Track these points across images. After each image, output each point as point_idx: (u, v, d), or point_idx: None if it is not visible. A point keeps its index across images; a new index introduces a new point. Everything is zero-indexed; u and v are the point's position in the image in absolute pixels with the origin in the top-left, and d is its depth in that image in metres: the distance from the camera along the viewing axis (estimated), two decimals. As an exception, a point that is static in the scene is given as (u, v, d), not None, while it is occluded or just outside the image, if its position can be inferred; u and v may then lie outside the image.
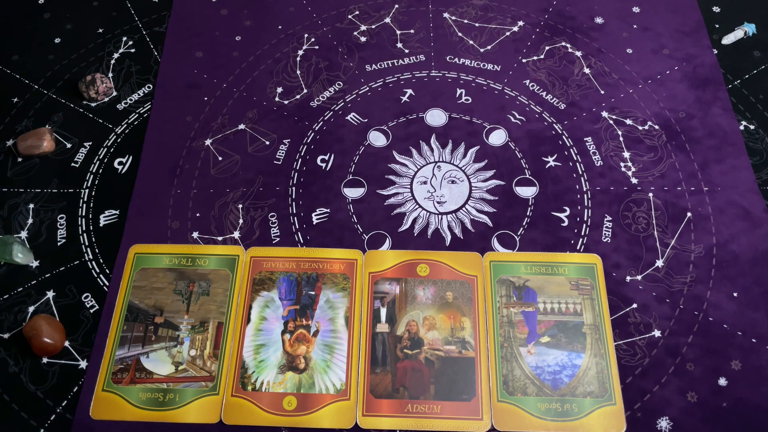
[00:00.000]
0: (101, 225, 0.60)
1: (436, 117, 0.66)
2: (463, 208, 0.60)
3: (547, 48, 0.71)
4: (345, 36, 0.73)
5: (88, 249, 0.59)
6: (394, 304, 0.54)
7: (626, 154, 0.63)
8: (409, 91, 0.68)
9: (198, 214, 0.60)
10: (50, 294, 0.56)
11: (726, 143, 0.63)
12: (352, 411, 0.50)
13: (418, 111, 0.66)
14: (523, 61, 0.70)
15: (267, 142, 0.65)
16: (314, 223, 0.59)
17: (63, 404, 0.51)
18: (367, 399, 0.50)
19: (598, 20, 0.73)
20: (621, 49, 0.71)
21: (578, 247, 0.57)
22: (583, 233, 0.58)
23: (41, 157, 0.64)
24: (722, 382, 0.52)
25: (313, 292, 0.55)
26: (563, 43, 0.71)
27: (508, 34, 0.72)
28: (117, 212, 0.61)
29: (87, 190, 0.62)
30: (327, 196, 0.61)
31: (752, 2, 0.75)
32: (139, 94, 0.69)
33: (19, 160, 0.64)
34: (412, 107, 0.67)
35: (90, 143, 0.65)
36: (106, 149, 0.65)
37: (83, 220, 0.60)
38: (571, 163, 0.63)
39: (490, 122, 0.65)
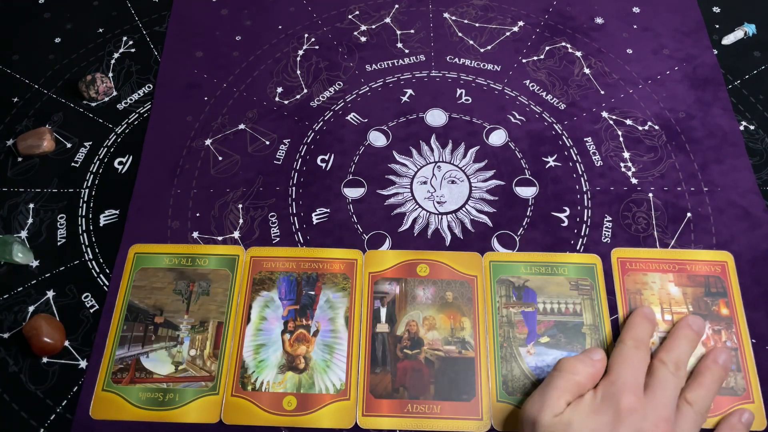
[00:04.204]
0: (101, 225, 0.60)
1: (436, 117, 0.66)
2: (463, 208, 0.60)
3: (547, 48, 0.71)
4: (345, 36, 0.73)
5: (88, 249, 0.59)
6: (394, 304, 0.54)
7: (626, 155, 0.63)
8: (409, 91, 0.68)
9: (198, 214, 0.60)
10: (50, 294, 0.56)
11: (726, 143, 0.63)
12: (352, 411, 0.50)
13: (418, 111, 0.66)
14: (523, 61, 0.70)
15: (267, 142, 0.65)
16: (314, 223, 0.59)
17: (63, 404, 0.51)
18: (367, 399, 0.50)
19: (598, 20, 0.73)
20: (621, 49, 0.71)
21: (578, 248, 0.57)
22: (583, 233, 0.58)
23: (41, 157, 0.64)
24: (722, 382, 0.52)
25: (313, 292, 0.55)
26: (563, 44, 0.71)
27: (508, 34, 0.73)
28: (117, 212, 0.61)
29: (87, 190, 0.62)
30: (327, 196, 0.61)
31: (752, 2, 0.75)
32: (139, 94, 0.69)
33: (19, 159, 0.64)
34: (412, 107, 0.67)
35: (90, 143, 0.65)
36: (106, 149, 0.65)
37: (83, 219, 0.60)
38: (571, 164, 0.63)
39: (490, 122, 0.65)
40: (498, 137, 0.64)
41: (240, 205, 0.61)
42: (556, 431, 0.43)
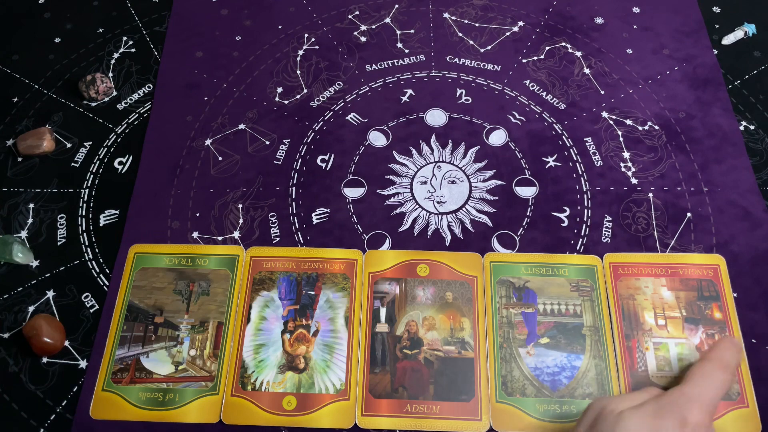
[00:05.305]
0: (101, 225, 0.60)
1: (436, 117, 0.66)
2: (463, 208, 0.60)
3: (547, 48, 0.71)
4: (345, 36, 0.72)
5: (88, 249, 0.59)
6: (393, 304, 0.54)
7: (626, 155, 0.63)
8: (409, 91, 0.68)
9: (198, 214, 0.60)
10: (50, 294, 0.56)
11: (726, 143, 0.63)
12: (352, 411, 0.50)
13: (418, 111, 0.66)
14: (523, 61, 0.70)
15: (267, 142, 0.65)
16: (314, 223, 0.59)
17: (63, 404, 0.51)
18: (366, 399, 0.50)
19: (598, 20, 0.73)
20: (621, 49, 0.71)
21: (578, 248, 0.57)
22: (583, 233, 0.58)
23: (41, 157, 0.64)
24: (722, 382, 0.52)
25: (313, 292, 0.55)
26: (563, 44, 0.71)
27: (508, 34, 0.72)
28: (117, 212, 0.61)
29: (87, 190, 0.62)
30: (327, 196, 0.61)
31: (752, 2, 0.75)
32: (139, 94, 0.69)
33: (19, 160, 0.64)
34: (412, 107, 0.67)
35: (90, 143, 0.65)
36: (106, 149, 0.65)
37: (83, 219, 0.60)
38: (571, 164, 0.63)
39: (490, 122, 0.65)
40: (498, 137, 0.64)
41: (240, 205, 0.61)
42: (609, 421, 0.40)
